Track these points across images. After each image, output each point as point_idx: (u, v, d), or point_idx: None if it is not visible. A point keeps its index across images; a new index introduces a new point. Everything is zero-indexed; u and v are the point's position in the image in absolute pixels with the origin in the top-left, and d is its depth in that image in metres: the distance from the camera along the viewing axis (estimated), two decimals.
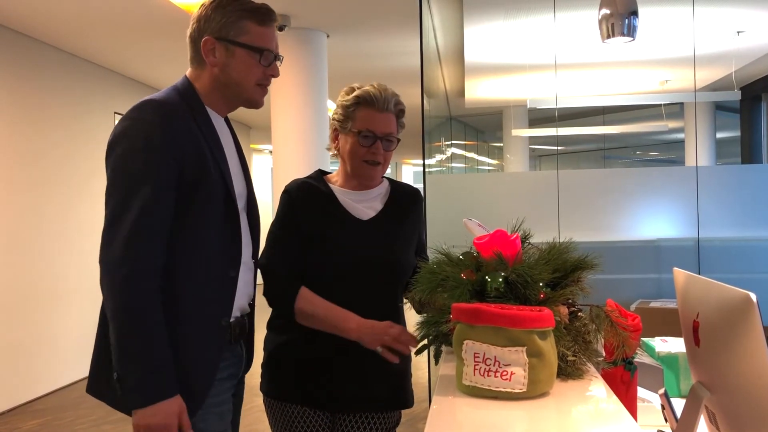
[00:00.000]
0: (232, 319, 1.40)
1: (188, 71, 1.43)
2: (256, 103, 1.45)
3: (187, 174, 1.30)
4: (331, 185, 1.64)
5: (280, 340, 1.61)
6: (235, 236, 1.39)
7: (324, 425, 1.60)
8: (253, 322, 1.52)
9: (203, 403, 1.34)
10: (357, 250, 1.56)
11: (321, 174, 1.68)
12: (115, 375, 1.26)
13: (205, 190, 1.32)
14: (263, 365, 1.65)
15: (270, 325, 1.66)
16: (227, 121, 1.50)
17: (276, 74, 1.45)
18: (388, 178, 1.73)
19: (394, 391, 1.63)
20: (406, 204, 1.68)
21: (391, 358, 1.44)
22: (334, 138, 1.63)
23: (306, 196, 1.60)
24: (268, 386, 1.63)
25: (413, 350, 1.46)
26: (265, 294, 1.57)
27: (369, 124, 1.56)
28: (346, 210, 1.60)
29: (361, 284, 1.55)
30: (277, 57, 1.43)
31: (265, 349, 1.64)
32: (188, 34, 1.42)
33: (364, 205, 1.62)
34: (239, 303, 1.42)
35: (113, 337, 1.26)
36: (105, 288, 1.27)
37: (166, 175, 1.28)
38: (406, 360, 1.58)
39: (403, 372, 1.63)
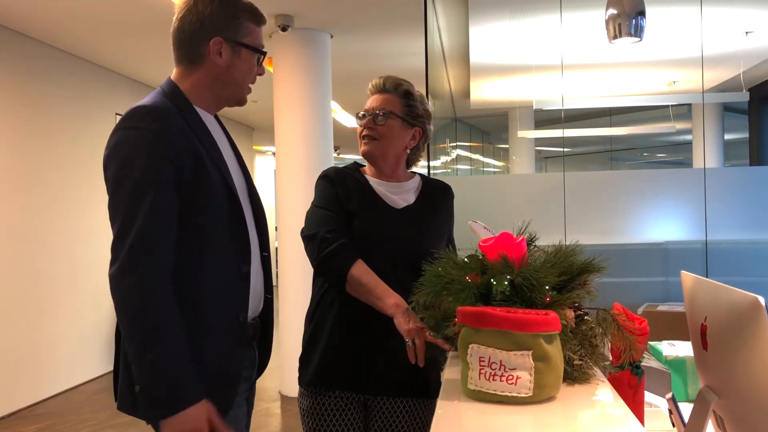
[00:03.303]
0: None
1: (174, 72, 1.42)
2: (244, 102, 1.47)
3: (186, 175, 1.30)
4: (366, 176, 1.70)
5: (314, 328, 1.65)
6: (242, 232, 1.38)
7: (358, 411, 1.63)
8: (268, 324, 1.51)
9: (233, 401, 1.34)
10: (390, 235, 1.61)
11: (357, 166, 1.75)
12: (137, 387, 1.25)
13: (206, 189, 1.32)
14: (300, 358, 1.68)
15: (307, 316, 1.69)
16: (217, 119, 1.50)
17: (263, 73, 1.47)
18: (420, 174, 1.78)
19: (416, 377, 1.61)
20: (437, 198, 1.74)
21: (412, 356, 1.44)
22: None
23: (343, 181, 1.66)
24: (306, 377, 1.65)
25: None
26: (315, 260, 1.59)
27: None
28: (380, 197, 1.66)
29: (390, 270, 1.57)
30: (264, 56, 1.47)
31: (303, 342, 1.68)
32: (185, 31, 1.38)
33: (399, 196, 1.68)
34: (251, 303, 1.41)
35: (130, 350, 1.25)
36: (115, 300, 1.26)
37: (166, 179, 1.27)
38: (433, 348, 1.56)
39: (428, 360, 1.60)
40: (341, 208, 1.61)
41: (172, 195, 1.28)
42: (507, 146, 9.79)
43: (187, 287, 1.29)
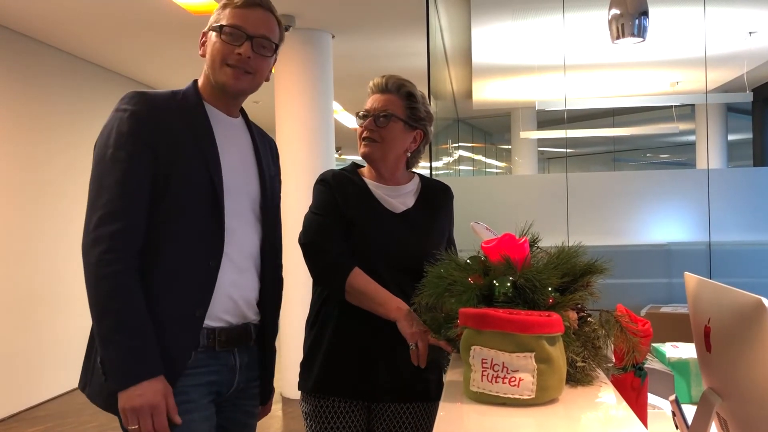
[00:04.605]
0: (218, 324, 1.36)
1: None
2: (223, 85, 1.40)
3: (162, 161, 1.31)
4: (364, 179, 1.68)
5: (315, 335, 1.64)
6: (218, 228, 1.35)
7: (361, 416, 1.62)
8: (266, 337, 1.49)
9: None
10: (389, 240, 1.60)
11: (355, 167, 1.73)
12: (98, 359, 1.26)
13: (181, 178, 1.33)
14: (301, 364, 1.67)
15: (307, 323, 1.68)
16: (248, 124, 1.51)
17: (245, 54, 1.36)
18: (420, 175, 1.77)
19: (418, 382, 1.61)
20: (437, 200, 1.72)
21: (415, 359, 1.44)
22: None
23: (342, 185, 1.64)
24: (306, 384, 1.65)
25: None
26: (313, 271, 1.59)
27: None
28: (379, 202, 1.64)
29: (389, 274, 1.56)
30: (251, 37, 1.37)
31: (303, 348, 1.67)
32: None
33: (398, 200, 1.66)
34: (231, 308, 1.38)
35: (93, 321, 1.27)
36: (85, 272, 1.28)
37: (139, 159, 1.30)
38: (436, 351, 1.53)
39: (430, 363, 1.57)
40: (339, 214, 1.59)
41: (142, 176, 1.30)
42: (509, 147, 9.78)
43: (145, 272, 1.29)
